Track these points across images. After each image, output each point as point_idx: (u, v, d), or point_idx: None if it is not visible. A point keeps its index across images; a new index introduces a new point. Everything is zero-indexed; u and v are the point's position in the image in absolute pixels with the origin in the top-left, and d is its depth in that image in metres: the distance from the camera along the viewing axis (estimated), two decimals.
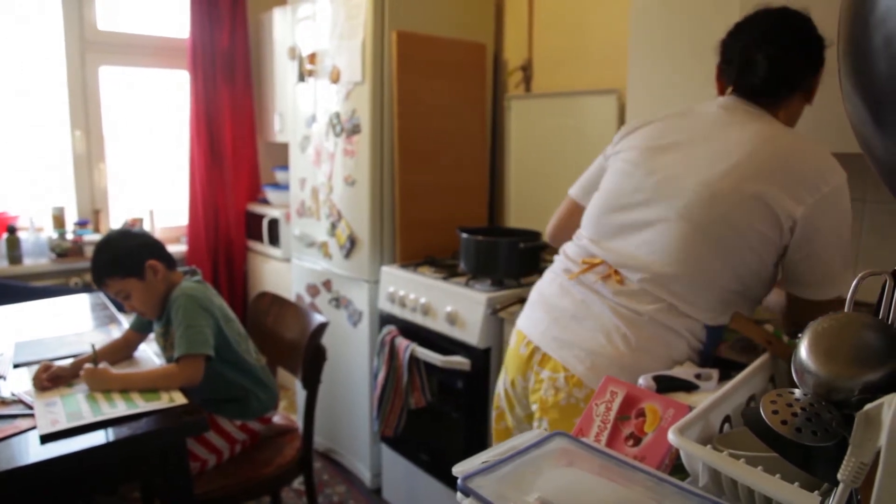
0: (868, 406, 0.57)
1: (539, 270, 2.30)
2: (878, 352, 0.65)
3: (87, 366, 1.61)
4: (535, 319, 1.45)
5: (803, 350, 0.69)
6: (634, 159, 1.40)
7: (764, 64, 1.29)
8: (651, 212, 1.31)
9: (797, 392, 0.69)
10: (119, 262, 1.77)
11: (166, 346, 1.85)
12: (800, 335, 0.71)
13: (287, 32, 3.05)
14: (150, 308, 1.82)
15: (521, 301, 2.10)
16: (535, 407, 1.39)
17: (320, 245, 2.80)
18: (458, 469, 0.78)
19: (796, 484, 0.65)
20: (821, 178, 1.21)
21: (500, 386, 1.58)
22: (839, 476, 0.56)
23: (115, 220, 3.38)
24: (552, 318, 1.39)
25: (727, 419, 0.91)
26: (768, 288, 1.34)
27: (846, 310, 0.74)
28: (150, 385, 1.61)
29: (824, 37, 1.31)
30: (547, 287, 1.47)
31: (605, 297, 1.32)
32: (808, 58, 1.31)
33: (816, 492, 0.64)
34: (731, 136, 1.28)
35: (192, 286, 1.80)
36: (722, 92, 1.42)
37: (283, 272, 3.31)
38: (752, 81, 1.32)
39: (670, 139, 1.36)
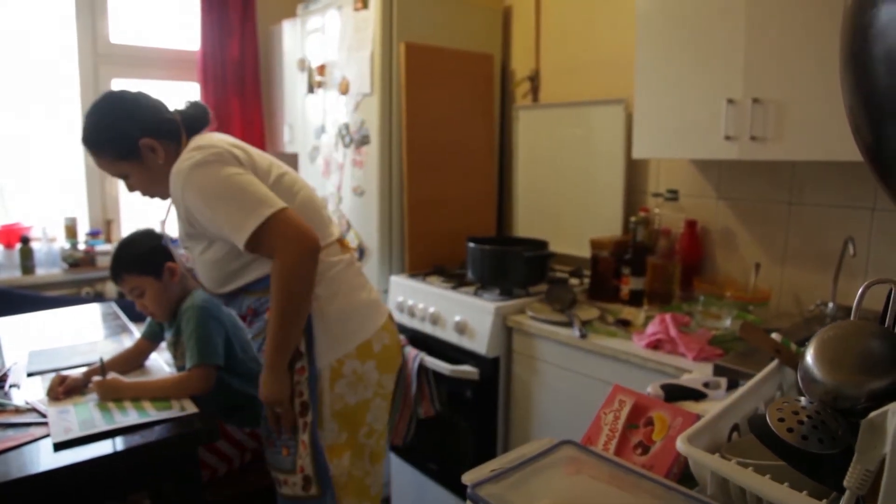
0: (873, 413, 0.57)
1: (546, 279, 2.31)
2: (883, 360, 0.66)
3: (96, 378, 1.62)
4: (376, 300, 1.67)
5: (809, 358, 0.69)
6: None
7: None
8: None
9: (803, 400, 0.69)
10: (139, 259, 1.81)
11: (177, 355, 1.87)
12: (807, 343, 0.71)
13: (296, 44, 3.08)
14: (161, 310, 1.84)
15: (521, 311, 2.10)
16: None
17: None
18: (468, 477, 0.78)
19: (804, 492, 0.65)
20: None
21: (385, 387, 1.65)
22: (845, 483, 0.57)
23: (127, 231, 3.40)
24: (373, 288, 1.70)
25: (735, 428, 0.91)
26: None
27: (852, 317, 0.74)
28: (161, 394, 1.62)
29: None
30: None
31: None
32: None
33: (825, 500, 0.65)
34: None
35: (202, 296, 1.82)
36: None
37: None
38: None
39: None
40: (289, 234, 1.38)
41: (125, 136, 1.50)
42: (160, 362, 1.92)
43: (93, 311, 2.52)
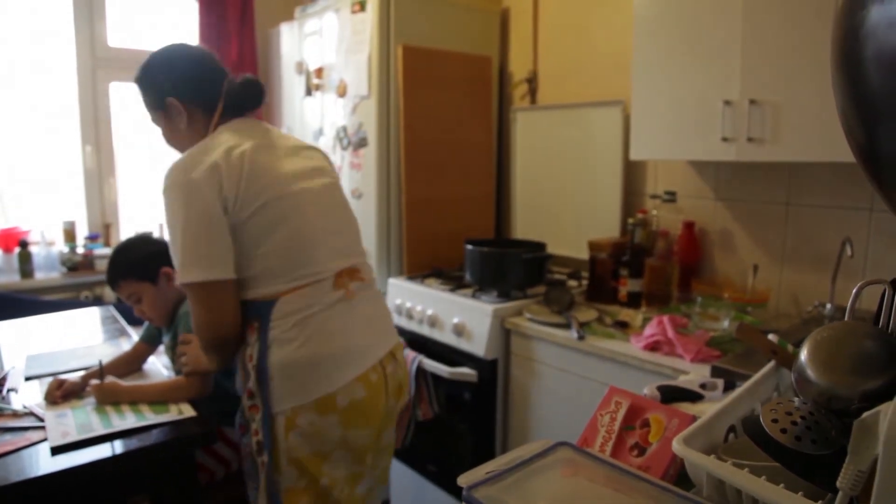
0: (865, 414, 0.57)
1: (545, 281, 2.31)
2: (877, 360, 0.66)
3: (94, 381, 1.62)
4: (361, 347, 1.46)
5: (803, 359, 0.69)
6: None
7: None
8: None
9: (797, 401, 0.69)
10: (135, 265, 1.80)
11: (175, 358, 1.87)
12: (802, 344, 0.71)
13: (294, 47, 3.09)
14: (159, 315, 1.84)
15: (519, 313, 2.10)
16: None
17: None
18: (463, 479, 0.78)
19: (800, 494, 0.65)
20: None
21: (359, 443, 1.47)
22: (838, 484, 0.56)
23: (126, 235, 3.41)
24: (366, 330, 1.50)
25: (732, 429, 0.91)
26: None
27: (846, 318, 0.75)
28: (159, 397, 1.62)
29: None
30: (332, 322, 1.44)
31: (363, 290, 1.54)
32: None
33: (820, 502, 0.65)
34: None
35: None
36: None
37: None
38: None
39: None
40: (201, 310, 1.38)
41: (157, 89, 1.50)
42: (158, 366, 1.92)
43: (91, 314, 2.52)
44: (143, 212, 3.52)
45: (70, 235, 3.14)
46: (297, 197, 1.43)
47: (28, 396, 1.66)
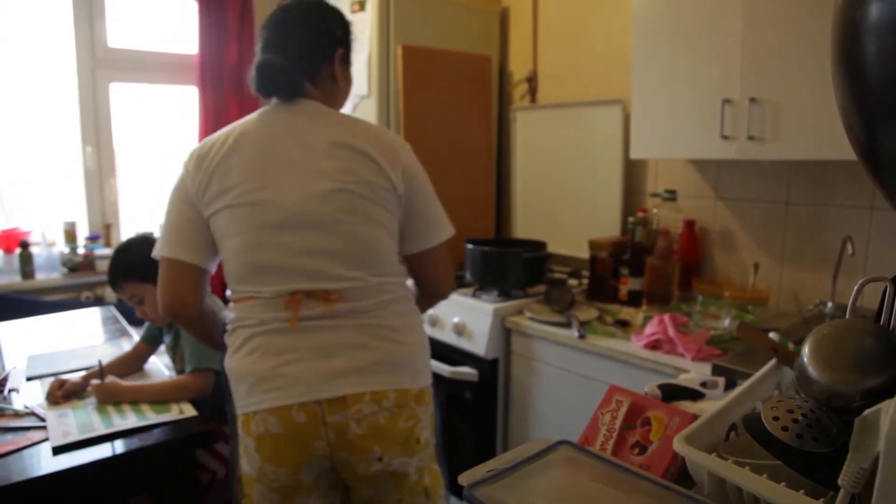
0: (866, 411, 0.57)
1: (545, 280, 2.31)
2: (878, 358, 0.66)
3: (95, 381, 1.62)
4: (289, 376, 1.26)
5: (804, 356, 0.69)
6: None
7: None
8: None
9: (798, 398, 0.69)
10: (136, 266, 1.80)
11: (176, 358, 1.87)
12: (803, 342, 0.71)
13: None
14: (160, 316, 1.84)
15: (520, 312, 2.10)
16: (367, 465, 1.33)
17: None
18: (464, 478, 0.78)
19: (801, 492, 0.65)
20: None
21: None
22: (839, 481, 0.56)
23: (126, 235, 3.41)
24: (312, 363, 1.28)
25: (733, 427, 0.91)
26: None
27: (847, 316, 0.74)
28: (160, 397, 1.62)
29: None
30: (265, 351, 1.29)
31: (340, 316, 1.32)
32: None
33: (821, 500, 0.64)
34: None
35: None
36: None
37: None
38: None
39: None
40: (159, 282, 1.38)
41: None
42: (159, 366, 1.92)
43: (92, 315, 2.52)
44: (144, 212, 3.52)
45: (71, 236, 3.14)
46: (257, 207, 1.30)
47: (29, 396, 1.66)
